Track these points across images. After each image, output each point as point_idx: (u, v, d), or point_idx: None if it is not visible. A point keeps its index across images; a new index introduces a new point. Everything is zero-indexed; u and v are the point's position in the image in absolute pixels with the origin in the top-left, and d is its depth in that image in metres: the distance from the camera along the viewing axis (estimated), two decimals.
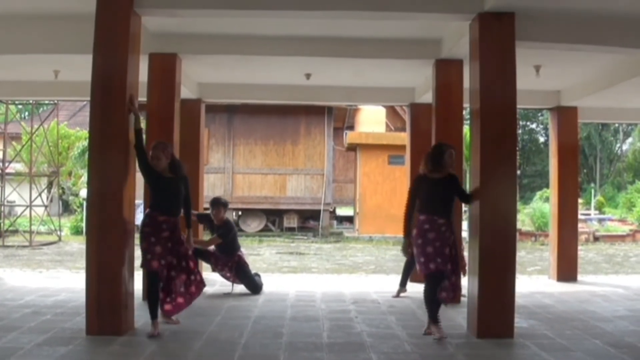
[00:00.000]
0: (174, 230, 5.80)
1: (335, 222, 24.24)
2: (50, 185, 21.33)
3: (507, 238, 5.85)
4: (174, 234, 5.79)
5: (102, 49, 5.69)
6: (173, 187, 5.80)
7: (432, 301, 5.80)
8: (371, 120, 22.98)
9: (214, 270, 8.41)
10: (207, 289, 8.28)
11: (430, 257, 5.71)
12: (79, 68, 6.97)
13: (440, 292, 5.73)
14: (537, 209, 21.16)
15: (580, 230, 13.21)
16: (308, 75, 8.67)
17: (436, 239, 5.73)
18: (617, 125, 38.92)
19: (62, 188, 22.88)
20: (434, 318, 5.80)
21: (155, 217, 5.73)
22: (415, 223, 5.89)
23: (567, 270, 9.78)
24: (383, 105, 21.81)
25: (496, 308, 5.74)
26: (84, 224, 18.90)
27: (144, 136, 8.91)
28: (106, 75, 5.69)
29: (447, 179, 5.90)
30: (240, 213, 21.60)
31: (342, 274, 11.20)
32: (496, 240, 5.78)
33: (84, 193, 19.20)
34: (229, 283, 8.23)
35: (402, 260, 8.54)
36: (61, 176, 21.58)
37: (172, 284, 5.82)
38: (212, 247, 8.19)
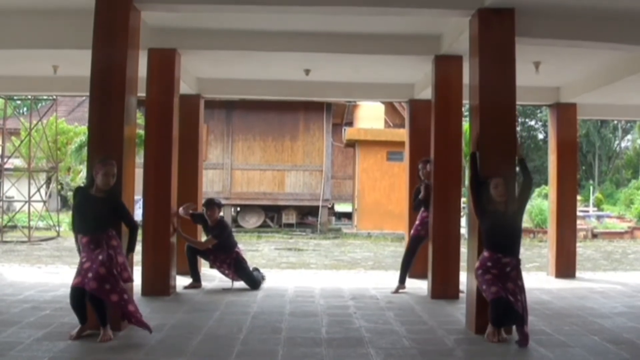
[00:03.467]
0: (101, 247, 5.20)
1: (333, 218, 24.26)
2: (48, 181, 21.31)
3: None
4: (102, 249, 5.19)
5: (101, 44, 5.68)
6: (97, 207, 5.27)
7: (499, 324, 5.41)
8: (370, 117, 22.98)
9: (211, 266, 8.43)
10: (207, 285, 8.32)
11: (489, 281, 5.38)
12: (78, 63, 6.95)
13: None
14: (536, 206, 21.19)
15: (578, 227, 13.21)
16: (307, 71, 8.66)
17: (498, 275, 5.40)
18: (616, 122, 38.94)
19: (61, 183, 22.86)
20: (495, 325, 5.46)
21: (81, 240, 5.28)
22: (479, 259, 5.58)
23: (565, 266, 9.79)
24: (382, 102, 21.81)
25: None
26: None
27: (141, 132, 8.95)
28: (105, 71, 5.68)
29: (510, 211, 5.50)
30: (238, 209, 21.62)
31: (341, 269, 11.21)
32: None
33: None
34: (228, 279, 8.24)
35: (400, 256, 8.55)
36: (60, 172, 21.56)
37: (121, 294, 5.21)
38: None
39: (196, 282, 8.22)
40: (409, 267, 8.19)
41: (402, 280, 8.11)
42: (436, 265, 7.59)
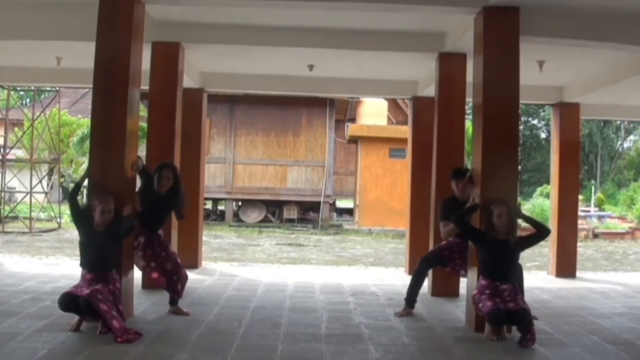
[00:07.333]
0: (106, 285, 5.22)
1: (335, 214, 24.28)
2: (50, 172, 21.33)
3: None
4: (104, 284, 5.22)
5: (105, 37, 5.67)
6: (101, 243, 5.31)
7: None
8: (373, 113, 22.97)
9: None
10: (206, 279, 8.33)
11: (485, 299, 5.33)
12: (82, 55, 6.95)
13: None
14: (538, 205, 21.21)
15: (579, 226, 13.23)
16: (311, 67, 8.65)
17: (496, 295, 5.36)
18: (618, 122, 38.91)
19: (63, 175, 22.89)
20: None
21: (84, 276, 5.32)
22: (476, 287, 5.54)
23: (566, 266, 9.78)
24: (385, 98, 21.81)
25: None
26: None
27: (144, 125, 8.95)
28: (109, 63, 5.67)
29: (512, 242, 5.46)
30: (240, 203, 21.63)
31: (341, 266, 11.21)
32: None
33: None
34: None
35: (401, 253, 8.54)
36: (62, 163, 21.58)
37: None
38: None
39: (411, 307, 6.51)
40: None
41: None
42: None
